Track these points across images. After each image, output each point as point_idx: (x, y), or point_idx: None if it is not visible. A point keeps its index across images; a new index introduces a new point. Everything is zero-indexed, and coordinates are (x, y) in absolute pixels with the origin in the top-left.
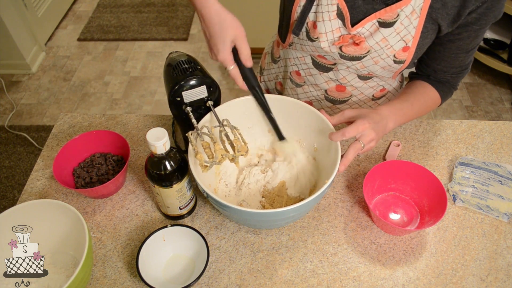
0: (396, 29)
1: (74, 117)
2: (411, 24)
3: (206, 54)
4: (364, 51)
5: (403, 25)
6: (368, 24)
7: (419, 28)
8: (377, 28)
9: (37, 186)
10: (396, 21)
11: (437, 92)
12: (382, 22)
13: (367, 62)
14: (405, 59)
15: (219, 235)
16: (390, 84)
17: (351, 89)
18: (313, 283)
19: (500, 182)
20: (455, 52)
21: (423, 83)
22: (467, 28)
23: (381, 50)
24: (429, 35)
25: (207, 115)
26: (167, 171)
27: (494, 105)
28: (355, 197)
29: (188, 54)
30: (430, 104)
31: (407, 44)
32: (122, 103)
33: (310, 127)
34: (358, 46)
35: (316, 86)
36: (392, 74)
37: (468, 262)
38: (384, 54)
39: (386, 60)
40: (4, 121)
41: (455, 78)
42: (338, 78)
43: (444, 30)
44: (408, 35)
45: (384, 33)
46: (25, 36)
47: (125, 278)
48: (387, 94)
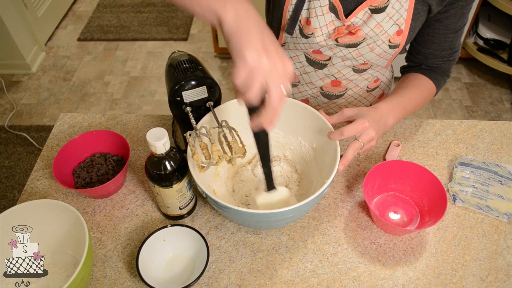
0: (388, 14)
1: (74, 117)
2: (402, 7)
3: (206, 54)
4: (360, 39)
5: (395, 9)
6: (361, 13)
7: (410, 11)
8: (369, 15)
9: (37, 186)
10: (387, 6)
11: (431, 81)
12: (374, 9)
13: (363, 49)
14: (400, 42)
15: (219, 235)
16: (382, 73)
17: (346, 82)
18: (313, 283)
19: (500, 182)
20: (443, 32)
21: (416, 74)
22: (453, 6)
23: (376, 36)
24: (420, 16)
25: (207, 116)
26: (167, 171)
27: (494, 105)
28: (355, 197)
29: (190, 54)
30: (426, 95)
31: (400, 27)
32: (122, 103)
33: (309, 127)
34: (354, 35)
35: (311, 84)
36: (386, 62)
37: (468, 262)
38: (379, 40)
39: (382, 46)
40: (4, 121)
41: (447, 62)
42: (333, 73)
43: (434, 9)
44: (401, 18)
45: (377, 19)
46: (25, 36)
47: (125, 278)
48: (380, 84)
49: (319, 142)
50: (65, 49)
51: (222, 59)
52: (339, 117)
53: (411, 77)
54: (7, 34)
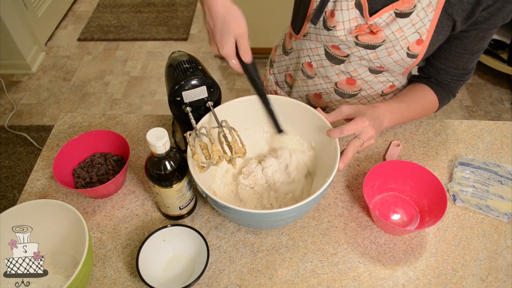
0: (412, 20)
1: (74, 117)
2: (426, 17)
3: (206, 54)
4: (380, 40)
5: (419, 17)
6: (385, 15)
7: (434, 22)
8: (393, 18)
9: (37, 186)
10: (412, 12)
11: (436, 96)
12: (399, 13)
13: (381, 52)
14: (418, 52)
15: (219, 235)
16: (399, 81)
17: (361, 82)
18: (313, 283)
19: (500, 182)
20: (460, 51)
21: (423, 86)
22: (475, 27)
23: (396, 40)
24: (443, 31)
25: (207, 116)
26: (167, 171)
27: (494, 105)
28: (355, 197)
29: (190, 54)
30: (427, 107)
31: (421, 36)
32: (122, 103)
33: (307, 125)
34: (375, 35)
35: (327, 79)
36: (403, 70)
37: (468, 262)
38: (398, 46)
39: (400, 52)
40: (4, 121)
41: (456, 82)
42: (349, 71)
43: (458, 27)
44: (423, 27)
45: (400, 24)
46: (25, 36)
47: (125, 278)
48: (395, 91)
49: (318, 141)
50: (65, 49)
51: (222, 59)
52: (337, 114)
53: (417, 87)
54: (7, 34)
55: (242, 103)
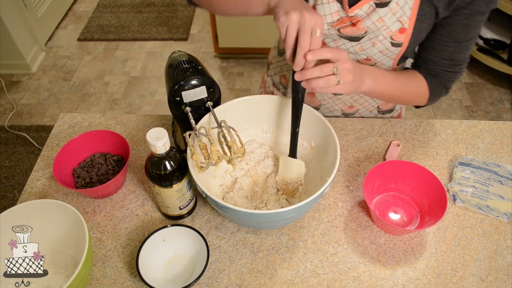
0: (391, 9)
1: (74, 117)
2: (406, 5)
3: (206, 54)
4: (362, 32)
5: (399, 5)
6: (365, 6)
7: (415, 9)
8: (373, 9)
9: (37, 186)
10: (391, 1)
11: (426, 82)
12: (378, 3)
13: (365, 44)
14: (402, 41)
15: (219, 235)
16: None
17: None
18: (313, 283)
19: (500, 182)
20: (445, 39)
21: (414, 70)
22: (458, 12)
23: (378, 31)
24: (426, 18)
25: (206, 116)
26: (167, 171)
27: (494, 105)
28: (355, 197)
29: (190, 54)
30: (416, 91)
31: (403, 25)
32: (122, 103)
33: (306, 125)
34: (355, 26)
35: None
36: (391, 61)
37: (468, 262)
38: (381, 36)
39: (384, 42)
40: (4, 121)
41: (446, 73)
42: None
43: (441, 13)
44: (404, 15)
45: (380, 13)
46: (25, 36)
47: (125, 278)
48: None
49: (318, 141)
50: (65, 49)
51: (222, 59)
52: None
53: (409, 70)
54: (7, 34)
55: (242, 103)
